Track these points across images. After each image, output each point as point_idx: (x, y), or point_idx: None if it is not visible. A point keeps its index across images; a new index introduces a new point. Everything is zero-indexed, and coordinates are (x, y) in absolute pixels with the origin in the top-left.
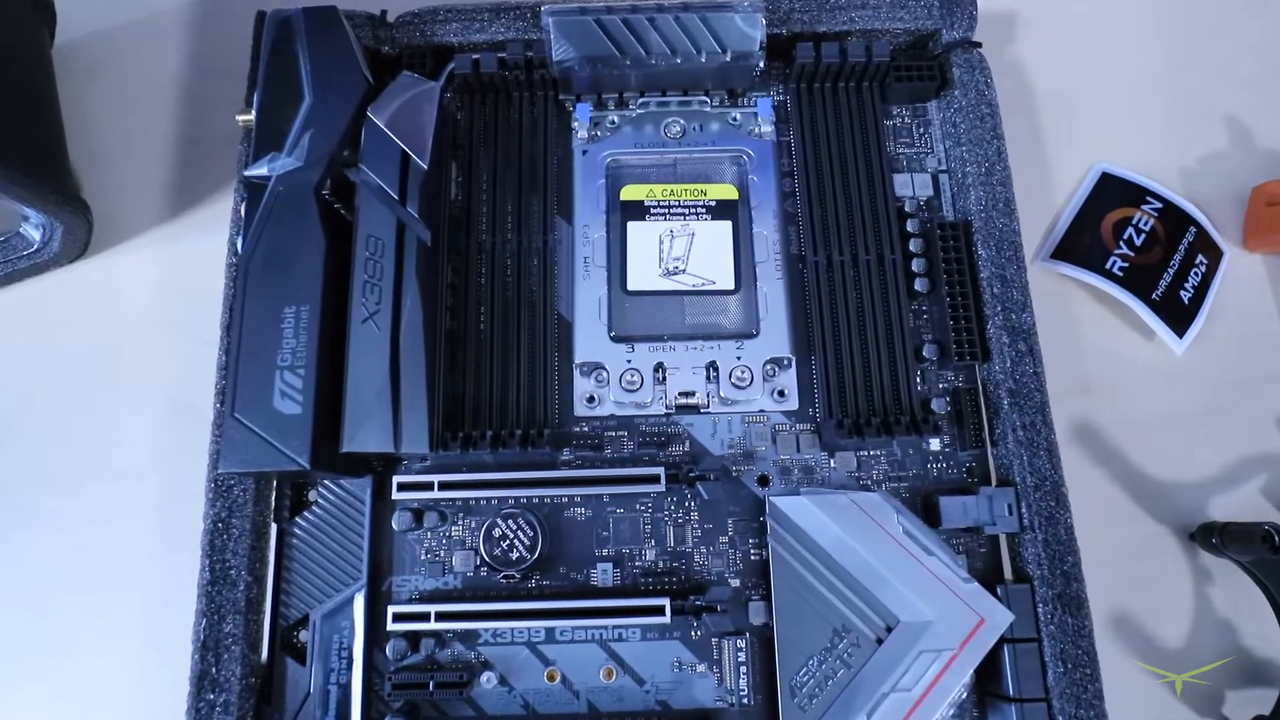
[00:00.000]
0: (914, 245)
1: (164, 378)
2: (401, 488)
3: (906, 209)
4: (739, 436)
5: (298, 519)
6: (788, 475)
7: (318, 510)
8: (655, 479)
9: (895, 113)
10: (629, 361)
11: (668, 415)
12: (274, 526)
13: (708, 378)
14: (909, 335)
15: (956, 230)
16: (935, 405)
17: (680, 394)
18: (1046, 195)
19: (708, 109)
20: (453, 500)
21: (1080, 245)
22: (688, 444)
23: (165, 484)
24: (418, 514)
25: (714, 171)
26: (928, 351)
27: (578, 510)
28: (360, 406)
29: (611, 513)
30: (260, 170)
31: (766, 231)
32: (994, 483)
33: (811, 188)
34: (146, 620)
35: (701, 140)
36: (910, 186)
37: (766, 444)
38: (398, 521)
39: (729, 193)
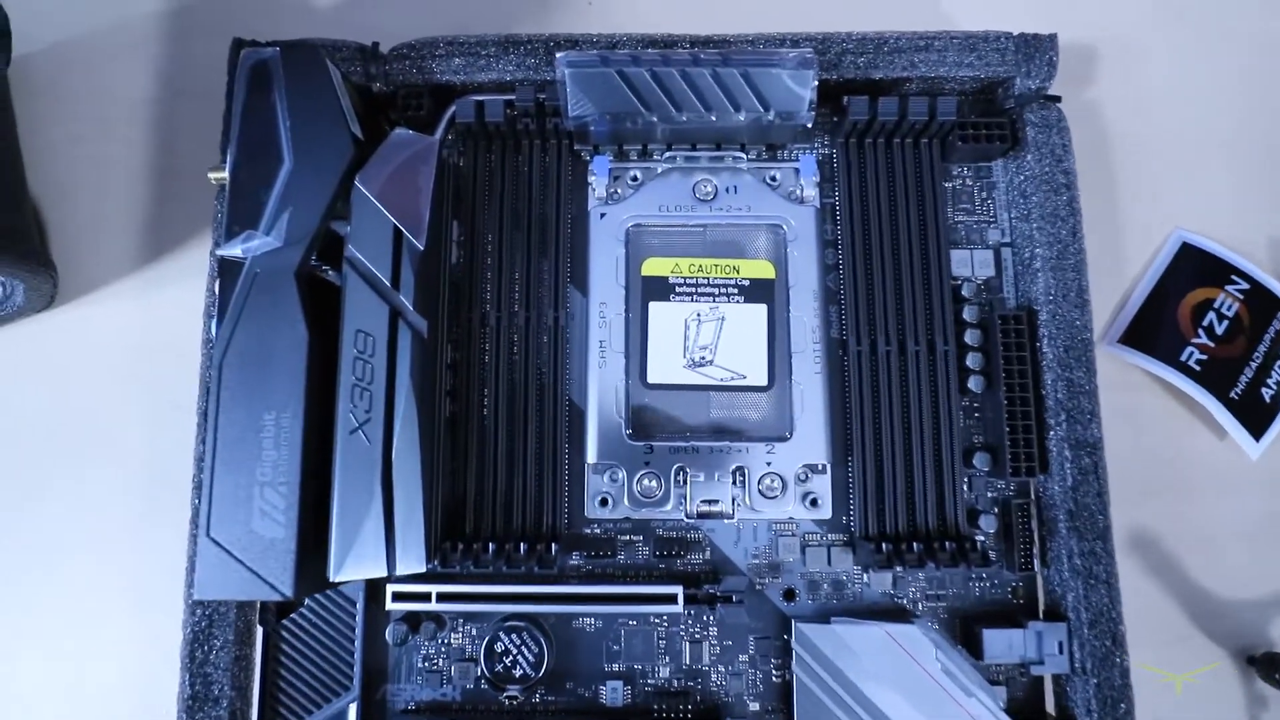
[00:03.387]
0: (970, 336)
1: (139, 444)
2: (397, 598)
3: (964, 293)
4: (765, 545)
5: (285, 621)
6: (816, 590)
7: (307, 613)
8: (672, 599)
9: (955, 173)
10: (647, 464)
11: (688, 519)
12: (260, 630)
13: (734, 482)
14: (958, 438)
15: (1020, 322)
16: (983, 522)
17: (704, 502)
18: (1117, 263)
19: (743, 165)
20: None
21: (1154, 330)
22: (708, 552)
23: (141, 560)
24: (414, 623)
25: (748, 243)
26: (978, 460)
27: (587, 621)
28: (349, 530)
29: (623, 625)
30: (234, 251)
31: (805, 316)
32: (1041, 608)
33: (858, 262)
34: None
35: (735, 203)
36: (969, 265)
37: (794, 555)
38: (392, 635)
39: (765, 270)
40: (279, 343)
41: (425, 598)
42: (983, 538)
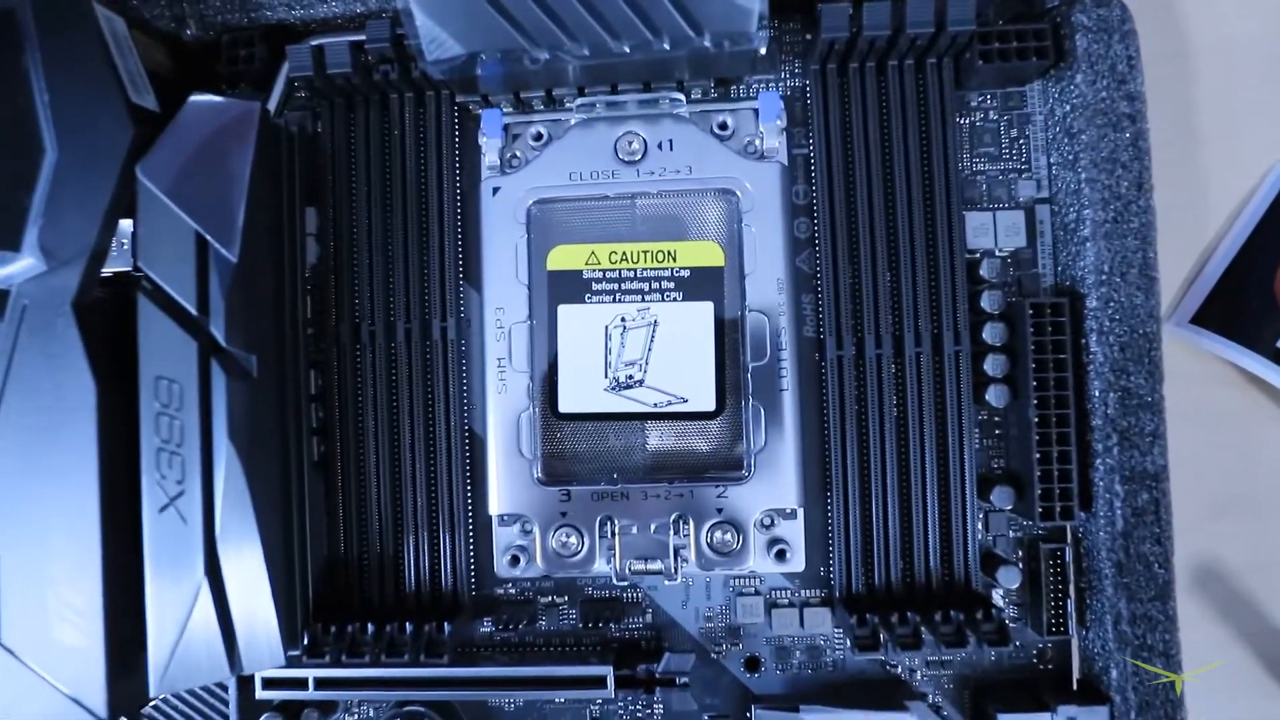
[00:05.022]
0: (990, 332)
1: None
2: (268, 685)
3: (983, 272)
4: (720, 605)
5: (150, 710)
6: (786, 658)
7: (175, 699)
8: (599, 682)
9: (974, 104)
10: (564, 514)
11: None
12: None
13: (676, 532)
14: (972, 466)
15: (1058, 311)
16: (1002, 575)
17: (637, 559)
18: (1191, 216)
19: (681, 110)
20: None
21: (1238, 307)
22: (650, 614)
23: None
24: (293, 712)
25: (689, 218)
26: (998, 496)
27: (505, 700)
28: (169, 629)
29: (548, 704)
30: None
31: (768, 312)
32: (1076, 677)
33: (839, 235)
34: None
35: (670, 163)
36: (991, 233)
37: (758, 617)
38: None
39: (710, 255)
40: (62, 399)
41: (301, 684)
42: (1002, 595)
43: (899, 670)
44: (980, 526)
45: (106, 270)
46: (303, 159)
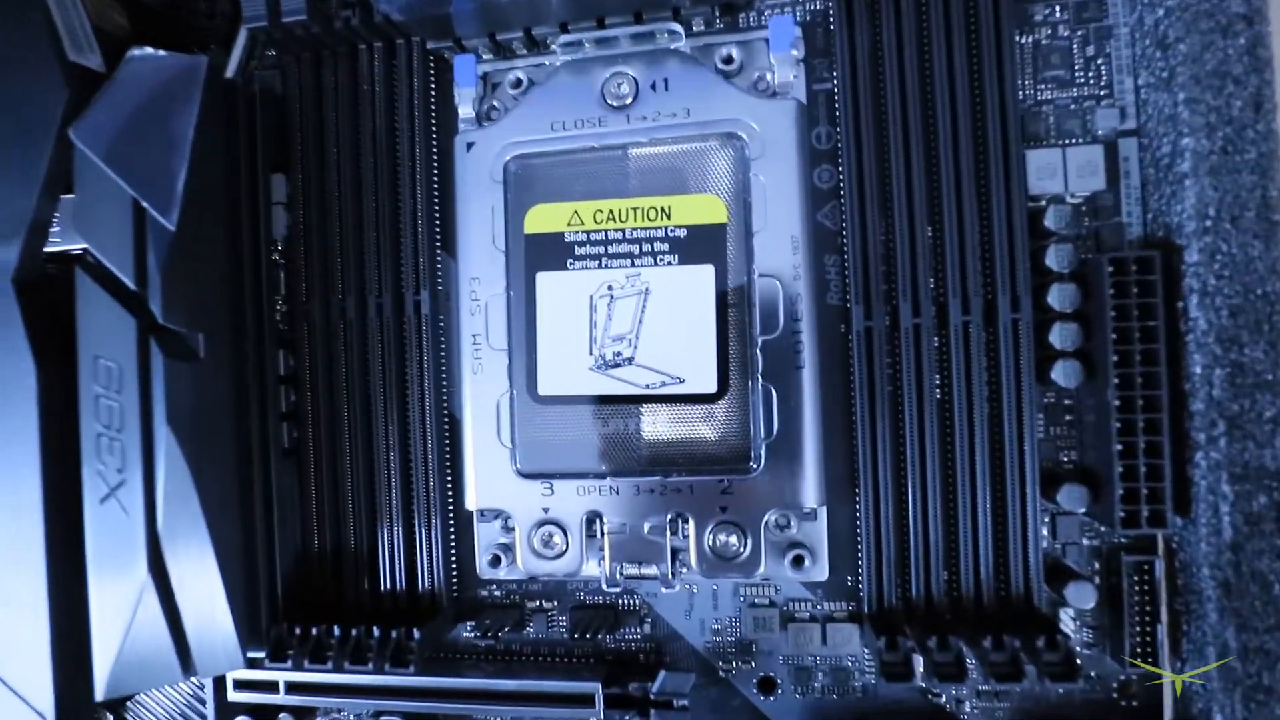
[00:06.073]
0: (1057, 295)
1: None
2: (240, 687)
3: (1049, 223)
4: (729, 617)
5: (132, 704)
6: (806, 680)
7: (157, 693)
8: (586, 700)
9: (1038, 16)
10: (546, 510)
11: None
12: (108, 715)
13: (674, 532)
14: (1034, 458)
15: (1147, 268)
16: (1073, 592)
17: (628, 563)
18: None
19: (681, 43)
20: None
21: None
22: (649, 624)
23: None
24: (269, 715)
25: (689, 168)
26: (1066, 495)
27: (485, 714)
28: (113, 630)
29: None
30: None
31: (781, 276)
32: (1169, 718)
33: (869, 183)
34: None
35: (666, 106)
36: (1060, 174)
37: (773, 632)
38: None
39: (711, 211)
40: (3, 380)
41: (272, 687)
42: (1073, 617)
43: (943, 700)
44: (1045, 533)
45: (69, 247)
46: (268, 122)
